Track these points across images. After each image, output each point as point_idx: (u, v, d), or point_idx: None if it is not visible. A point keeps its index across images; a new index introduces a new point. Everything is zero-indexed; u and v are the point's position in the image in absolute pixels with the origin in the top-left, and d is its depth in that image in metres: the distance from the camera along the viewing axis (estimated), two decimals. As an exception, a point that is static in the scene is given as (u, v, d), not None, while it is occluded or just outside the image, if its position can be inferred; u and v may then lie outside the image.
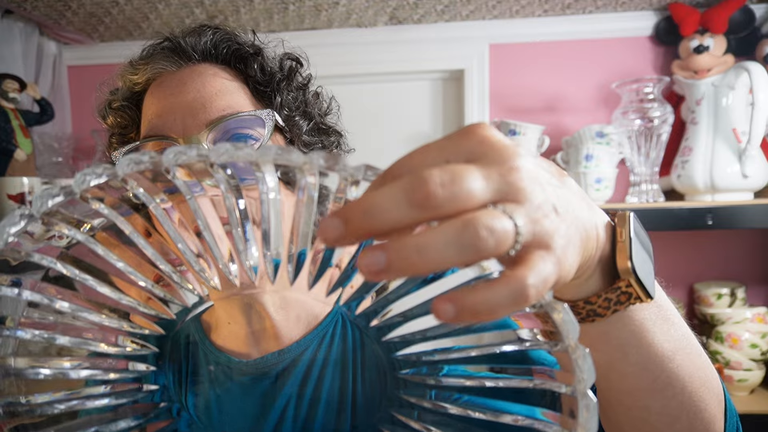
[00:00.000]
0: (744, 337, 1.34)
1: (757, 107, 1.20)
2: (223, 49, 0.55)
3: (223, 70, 0.54)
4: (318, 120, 0.59)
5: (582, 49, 1.61)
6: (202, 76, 0.53)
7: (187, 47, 0.55)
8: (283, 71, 0.57)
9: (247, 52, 0.55)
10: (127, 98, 0.57)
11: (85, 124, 1.79)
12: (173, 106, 0.51)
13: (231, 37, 0.56)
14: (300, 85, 0.59)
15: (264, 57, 0.56)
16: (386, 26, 1.65)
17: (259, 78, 0.54)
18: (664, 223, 1.25)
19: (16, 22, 1.54)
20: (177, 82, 0.53)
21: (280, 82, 0.56)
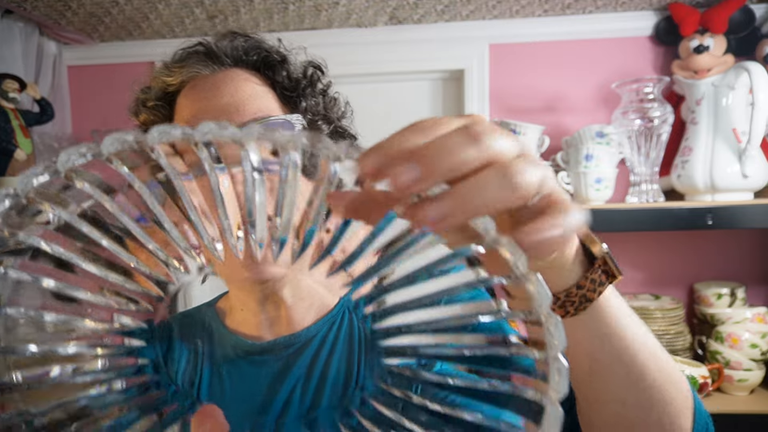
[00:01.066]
0: (744, 337, 1.34)
1: (757, 107, 1.20)
2: (253, 55, 0.58)
3: (254, 76, 0.58)
4: (336, 124, 0.63)
5: (582, 49, 1.61)
6: (235, 80, 0.56)
7: (220, 52, 0.58)
8: (306, 78, 0.61)
9: (275, 59, 0.59)
10: (161, 98, 0.61)
11: (85, 124, 1.79)
12: (208, 109, 0.54)
13: (260, 45, 0.59)
14: (321, 91, 0.63)
15: (291, 63, 0.60)
16: (386, 26, 1.65)
17: (286, 84, 0.58)
18: (664, 223, 1.25)
19: (16, 22, 1.54)
20: (211, 85, 0.56)
21: (304, 88, 0.60)
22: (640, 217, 1.26)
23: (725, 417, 1.25)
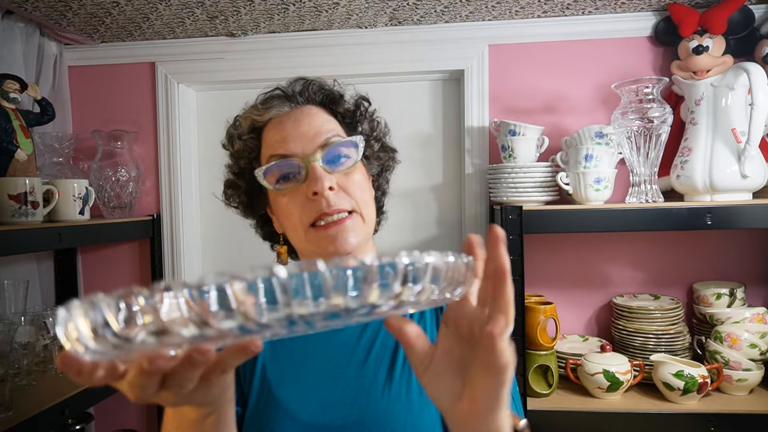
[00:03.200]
0: (743, 337, 1.34)
1: (756, 107, 1.20)
2: (319, 95, 0.78)
3: (322, 110, 0.77)
4: (383, 141, 0.83)
5: (581, 50, 1.61)
6: (310, 114, 0.75)
7: (295, 94, 0.77)
8: (360, 108, 0.81)
9: (336, 96, 0.79)
10: (251, 131, 0.77)
11: (85, 124, 1.79)
12: (294, 136, 0.72)
13: (323, 85, 0.79)
14: (370, 117, 0.83)
15: (346, 99, 0.80)
16: (386, 27, 1.65)
17: (346, 114, 0.79)
18: (664, 223, 1.26)
19: (16, 22, 1.54)
20: (293, 119, 0.74)
21: (360, 116, 0.80)
22: (639, 217, 1.26)
23: (724, 417, 1.26)
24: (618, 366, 1.32)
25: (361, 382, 0.69)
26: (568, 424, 1.29)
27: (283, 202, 0.73)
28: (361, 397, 0.68)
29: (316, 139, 0.71)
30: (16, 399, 1.24)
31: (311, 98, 0.77)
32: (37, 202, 1.29)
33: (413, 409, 0.68)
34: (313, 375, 0.71)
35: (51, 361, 1.47)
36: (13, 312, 1.42)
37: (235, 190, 0.81)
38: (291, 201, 0.71)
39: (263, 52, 1.70)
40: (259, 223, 0.85)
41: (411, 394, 0.69)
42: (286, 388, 0.70)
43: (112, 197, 1.65)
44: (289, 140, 0.72)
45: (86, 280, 1.83)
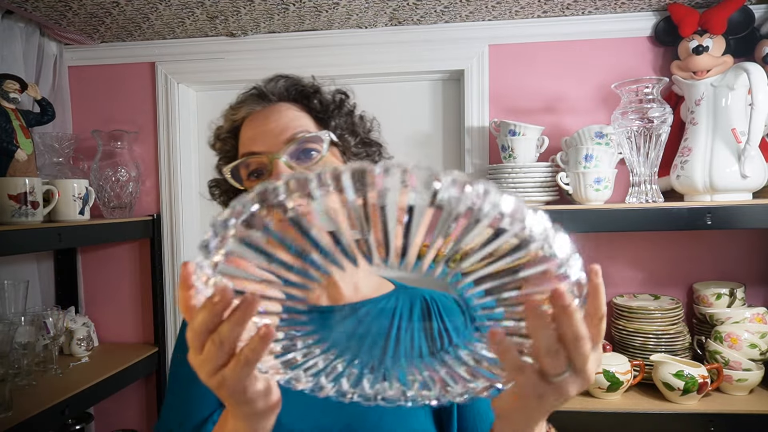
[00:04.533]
0: (743, 337, 1.34)
1: (756, 108, 1.20)
2: (292, 91, 0.78)
3: (294, 105, 0.77)
4: (363, 136, 0.82)
5: (581, 50, 1.61)
6: (279, 111, 0.76)
7: (267, 92, 0.77)
8: (335, 102, 0.79)
9: (309, 91, 0.78)
10: (229, 131, 0.79)
11: (85, 124, 1.79)
12: (261, 132, 0.73)
13: (297, 82, 0.79)
14: (348, 111, 0.81)
15: (321, 93, 0.79)
16: (386, 27, 1.65)
17: (318, 109, 0.77)
18: (664, 223, 1.26)
19: (16, 22, 1.54)
20: (263, 116, 0.75)
21: (333, 110, 0.78)
22: (639, 217, 1.26)
23: (724, 417, 1.26)
24: (618, 366, 1.32)
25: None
26: (568, 424, 1.29)
27: None
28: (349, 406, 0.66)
29: (282, 135, 0.72)
30: (16, 399, 1.24)
31: (283, 95, 0.77)
32: (37, 202, 1.29)
33: (401, 417, 0.67)
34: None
35: (51, 361, 1.47)
36: (13, 312, 1.42)
37: (219, 189, 0.84)
38: None
39: (263, 52, 1.70)
40: None
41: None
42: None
43: (112, 197, 1.65)
44: (256, 137, 0.73)
45: (86, 280, 1.83)
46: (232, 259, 0.39)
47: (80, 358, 1.61)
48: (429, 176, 0.34)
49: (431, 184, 0.34)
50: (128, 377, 1.57)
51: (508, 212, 0.34)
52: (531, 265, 0.37)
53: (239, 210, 0.37)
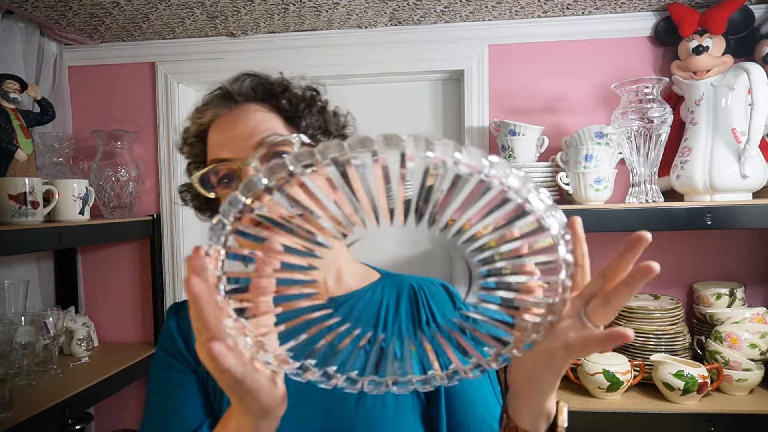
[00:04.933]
0: (743, 337, 1.34)
1: (756, 108, 1.20)
2: (259, 90, 0.74)
3: (261, 106, 0.73)
4: (336, 134, 0.78)
5: (581, 50, 1.61)
6: (247, 113, 0.72)
7: (234, 93, 0.73)
8: (305, 100, 0.75)
9: (277, 90, 0.74)
10: (196, 135, 0.76)
11: (85, 124, 1.79)
12: (229, 137, 0.70)
13: (264, 81, 0.75)
14: (319, 109, 0.77)
15: (290, 91, 0.75)
16: (386, 27, 1.65)
17: (287, 108, 0.73)
18: (664, 223, 1.26)
19: (16, 22, 1.54)
20: (230, 119, 0.72)
21: (303, 109, 0.74)
22: (639, 217, 1.26)
23: (724, 417, 1.26)
24: (618, 366, 1.32)
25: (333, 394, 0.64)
26: (568, 424, 1.29)
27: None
28: (334, 410, 0.65)
29: (251, 139, 0.69)
30: (16, 399, 1.24)
31: (250, 95, 0.73)
32: (37, 202, 1.29)
33: (388, 419, 0.65)
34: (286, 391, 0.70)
35: (51, 361, 1.47)
36: (13, 312, 1.42)
37: (190, 194, 0.81)
38: None
39: (263, 52, 1.70)
40: None
41: (386, 403, 0.66)
42: None
43: (112, 197, 1.65)
44: (224, 143, 0.70)
45: (86, 280, 1.83)
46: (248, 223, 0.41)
47: (80, 358, 1.61)
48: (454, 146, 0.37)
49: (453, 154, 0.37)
50: (128, 377, 1.57)
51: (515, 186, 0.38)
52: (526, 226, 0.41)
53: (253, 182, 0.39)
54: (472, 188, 0.39)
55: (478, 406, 0.67)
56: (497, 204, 0.39)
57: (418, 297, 0.73)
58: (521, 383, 0.49)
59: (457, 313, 0.49)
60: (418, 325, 0.57)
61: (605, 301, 0.42)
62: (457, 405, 0.67)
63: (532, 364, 0.46)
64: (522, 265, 0.43)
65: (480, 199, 0.39)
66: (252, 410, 0.46)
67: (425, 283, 0.74)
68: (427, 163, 0.37)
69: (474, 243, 0.42)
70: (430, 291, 0.73)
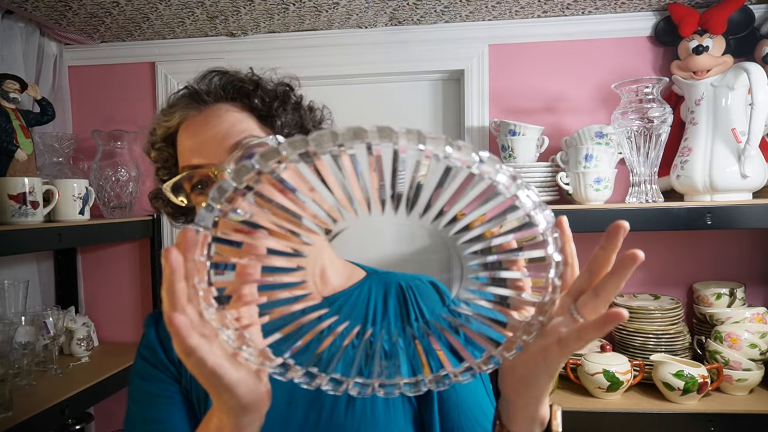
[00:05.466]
0: (743, 337, 1.34)
1: (756, 107, 1.20)
2: (229, 89, 0.70)
3: (233, 106, 0.69)
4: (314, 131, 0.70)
5: (581, 50, 1.61)
6: (218, 114, 0.68)
7: (202, 93, 0.69)
8: (278, 97, 0.71)
9: (248, 88, 0.70)
10: (165, 139, 0.71)
11: (85, 124, 1.79)
12: (202, 142, 0.66)
13: (234, 78, 0.70)
14: (294, 105, 0.73)
15: (262, 88, 0.71)
16: (386, 27, 1.65)
17: (260, 107, 0.69)
18: (663, 223, 1.26)
19: (16, 22, 1.54)
20: (200, 122, 0.68)
21: (277, 108, 0.70)
22: (639, 217, 1.26)
23: (724, 417, 1.25)
24: (618, 366, 1.32)
25: (322, 404, 0.64)
26: (568, 424, 1.28)
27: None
28: (323, 420, 0.64)
29: (225, 143, 0.65)
30: (16, 399, 1.24)
31: (220, 95, 0.69)
32: (37, 202, 1.29)
33: (379, 426, 0.64)
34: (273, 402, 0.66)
35: (51, 361, 1.47)
36: (13, 312, 1.42)
37: (161, 201, 0.76)
38: None
39: (263, 52, 1.70)
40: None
41: (376, 410, 0.64)
42: None
43: (112, 197, 1.65)
44: (196, 148, 0.66)
45: (86, 280, 1.83)
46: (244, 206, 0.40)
47: (80, 358, 1.61)
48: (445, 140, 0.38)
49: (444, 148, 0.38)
50: (128, 377, 1.57)
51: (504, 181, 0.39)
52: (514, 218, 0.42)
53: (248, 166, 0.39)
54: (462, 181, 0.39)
55: (472, 409, 0.66)
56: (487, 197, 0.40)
57: (407, 295, 0.70)
58: (515, 387, 0.48)
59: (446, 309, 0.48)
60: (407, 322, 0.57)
61: (594, 295, 0.41)
62: (451, 408, 0.65)
63: (525, 367, 0.46)
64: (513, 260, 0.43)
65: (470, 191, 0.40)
66: (231, 406, 0.45)
67: (413, 281, 0.71)
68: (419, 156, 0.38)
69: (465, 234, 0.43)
70: (418, 288, 0.71)
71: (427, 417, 0.66)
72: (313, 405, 0.64)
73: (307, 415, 0.64)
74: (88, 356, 1.63)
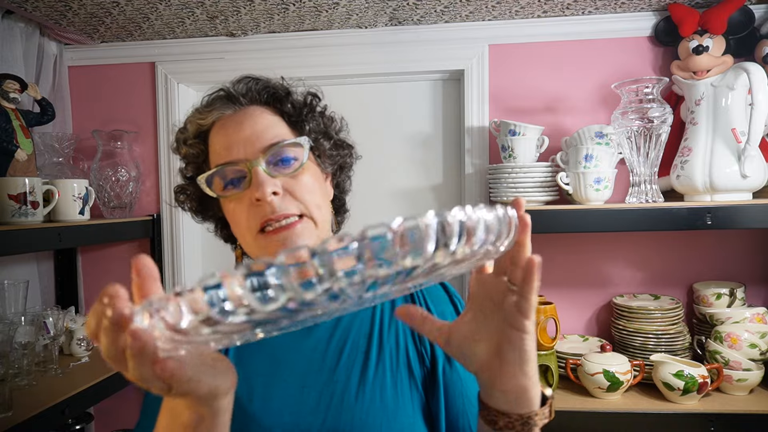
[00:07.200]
0: (743, 337, 1.34)
1: (756, 107, 1.20)
2: (264, 94, 0.74)
3: (267, 110, 0.74)
4: (335, 138, 0.79)
5: (581, 50, 1.61)
6: (253, 116, 0.72)
7: (238, 95, 0.74)
8: (307, 105, 0.76)
9: (281, 94, 0.74)
10: (197, 135, 0.74)
11: (85, 124, 1.79)
12: (236, 140, 0.70)
13: (267, 84, 0.75)
14: (320, 113, 0.78)
15: (293, 96, 0.75)
16: (386, 27, 1.65)
17: (291, 112, 0.74)
18: (663, 223, 1.26)
19: (17, 22, 1.54)
20: (235, 122, 0.71)
21: (306, 114, 0.75)
22: (639, 217, 1.26)
23: (724, 417, 1.26)
24: (618, 366, 1.32)
25: (333, 388, 0.67)
26: (568, 424, 1.29)
27: (231, 208, 0.71)
28: (334, 403, 0.66)
29: (259, 142, 0.69)
30: (16, 399, 1.24)
31: (255, 98, 0.74)
32: (37, 202, 1.29)
33: (389, 412, 0.66)
34: (285, 385, 0.69)
35: (51, 361, 1.47)
36: (13, 312, 1.42)
37: (186, 195, 0.80)
38: (237, 207, 0.69)
39: (263, 52, 1.70)
40: (218, 226, 0.83)
41: (386, 396, 0.67)
42: (257, 402, 0.68)
43: (112, 197, 1.65)
44: (232, 146, 0.70)
45: (86, 280, 1.83)
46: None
47: (80, 358, 1.61)
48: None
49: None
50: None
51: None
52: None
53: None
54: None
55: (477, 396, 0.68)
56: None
57: (415, 295, 0.73)
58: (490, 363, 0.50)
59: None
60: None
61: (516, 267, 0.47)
62: (456, 396, 0.68)
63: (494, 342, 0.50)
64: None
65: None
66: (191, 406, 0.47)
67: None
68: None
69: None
70: (427, 289, 0.74)
71: (434, 405, 0.68)
72: (324, 389, 0.67)
73: (319, 399, 0.67)
74: (88, 356, 1.63)
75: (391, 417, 0.65)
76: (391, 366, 0.69)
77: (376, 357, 0.69)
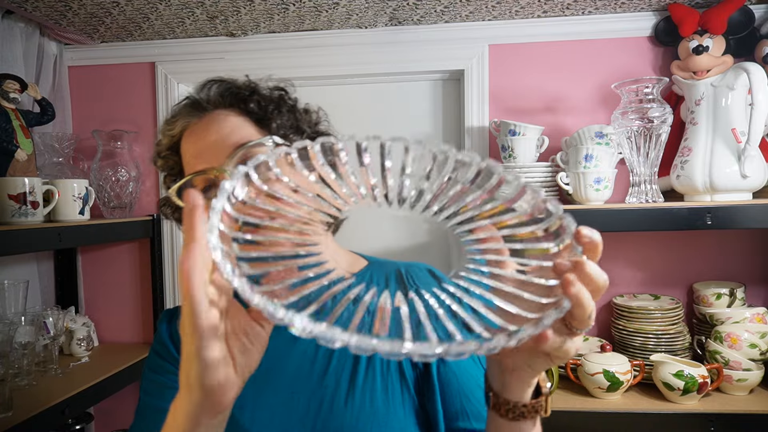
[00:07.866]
0: (743, 337, 1.34)
1: (756, 107, 1.20)
2: (227, 96, 0.73)
3: (231, 112, 0.73)
4: (309, 131, 0.77)
5: (581, 50, 1.61)
6: (217, 120, 0.71)
7: (202, 101, 0.74)
8: (273, 101, 0.75)
9: (244, 94, 0.73)
10: (170, 147, 0.75)
11: (85, 124, 1.79)
12: (203, 147, 0.70)
13: (231, 86, 0.75)
14: (289, 108, 0.76)
15: (258, 94, 0.74)
16: (386, 27, 1.65)
17: (257, 111, 0.73)
18: (664, 223, 1.26)
19: (17, 22, 1.54)
20: (201, 129, 0.71)
21: (272, 111, 0.74)
22: (639, 218, 1.26)
23: (724, 417, 1.26)
24: (618, 366, 1.32)
25: (323, 394, 0.66)
26: (568, 424, 1.29)
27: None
28: (324, 410, 0.65)
29: (224, 147, 0.68)
30: (16, 399, 1.24)
31: (219, 102, 0.73)
32: (37, 202, 1.29)
33: (379, 417, 0.65)
34: (274, 393, 0.67)
35: (51, 361, 1.47)
36: (13, 312, 1.42)
37: (170, 207, 0.79)
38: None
39: (263, 52, 1.70)
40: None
41: (375, 401, 0.65)
42: (248, 411, 0.66)
43: (112, 197, 1.65)
44: (200, 153, 0.69)
45: (86, 280, 1.83)
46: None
47: (80, 358, 1.61)
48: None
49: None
50: (128, 377, 1.57)
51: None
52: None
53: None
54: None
55: (474, 392, 0.67)
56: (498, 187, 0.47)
57: (406, 280, 0.73)
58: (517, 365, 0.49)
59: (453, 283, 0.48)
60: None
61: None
62: (453, 394, 0.67)
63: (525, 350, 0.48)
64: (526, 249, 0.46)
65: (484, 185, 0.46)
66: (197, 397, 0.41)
67: (411, 268, 0.75)
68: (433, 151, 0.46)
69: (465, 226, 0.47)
70: (416, 274, 0.74)
71: (431, 406, 0.67)
72: (314, 395, 0.66)
73: (308, 405, 0.66)
74: (88, 356, 1.64)
75: (382, 422, 0.64)
76: (381, 370, 0.67)
77: (365, 361, 0.68)
